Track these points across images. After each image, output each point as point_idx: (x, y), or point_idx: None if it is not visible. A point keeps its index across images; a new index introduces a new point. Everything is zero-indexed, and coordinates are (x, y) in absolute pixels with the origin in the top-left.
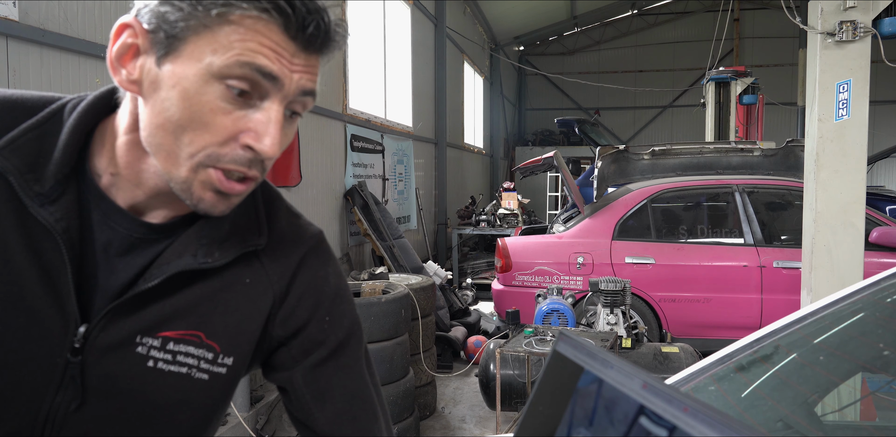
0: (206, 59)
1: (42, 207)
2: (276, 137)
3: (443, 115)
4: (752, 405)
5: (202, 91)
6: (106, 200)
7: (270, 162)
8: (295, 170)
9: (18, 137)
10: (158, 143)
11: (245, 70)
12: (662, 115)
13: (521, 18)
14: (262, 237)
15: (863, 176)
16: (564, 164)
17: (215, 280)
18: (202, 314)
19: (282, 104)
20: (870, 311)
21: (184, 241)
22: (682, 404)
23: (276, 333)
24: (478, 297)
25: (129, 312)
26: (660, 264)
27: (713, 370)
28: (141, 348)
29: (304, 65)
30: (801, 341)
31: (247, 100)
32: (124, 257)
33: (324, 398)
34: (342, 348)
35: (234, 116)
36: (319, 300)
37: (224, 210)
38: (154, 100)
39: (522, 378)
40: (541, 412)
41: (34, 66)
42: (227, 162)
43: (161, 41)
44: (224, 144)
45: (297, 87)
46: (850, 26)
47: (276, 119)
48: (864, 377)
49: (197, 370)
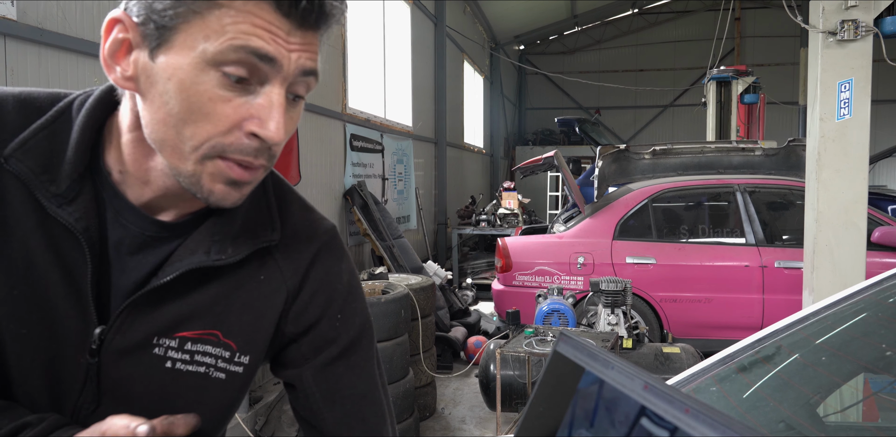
0: (199, 46)
1: (60, 208)
2: (280, 121)
3: (443, 114)
4: (753, 406)
5: (199, 80)
6: (119, 197)
7: (278, 148)
8: (294, 169)
9: (30, 138)
10: (162, 138)
11: (240, 54)
12: (663, 114)
13: (521, 17)
14: (276, 233)
15: (865, 176)
16: (565, 163)
17: (230, 278)
18: (218, 313)
19: (283, 87)
20: (872, 311)
21: (196, 238)
22: (683, 405)
23: (287, 329)
24: (478, 297)
25: (145, 313)
26: (661, 264)
27: (714, 370)
28: (158, 349)
29: (302, 43)
30: (803, 341)
31: (246, 86)
32: (136, 255)
33: (333, 397)
34: (353, 347)
35: (235, 104)
36: (332, 297)
37: (236, 200)
38: (152, 95)
39: (523, 379)
40: (541, 413)
41: (32, 65)
42: (232, 152)
43: (152, 33)
44: (228, 133)
45: (296, 67)
46: (852, 25)
47: (278, 103)
48: (866, 377)
49: (215, 369)
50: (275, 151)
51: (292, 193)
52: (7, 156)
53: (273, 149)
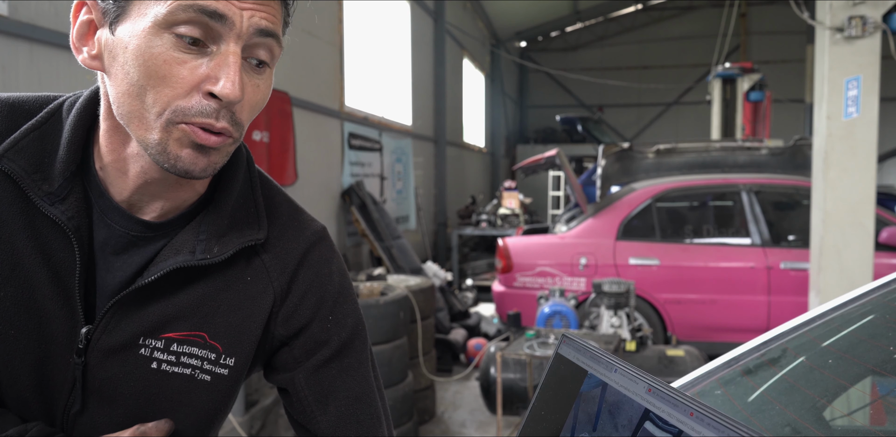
0: (151, 11)
1: (53, 206)
2: (235, 79)
3: (442, 112)
4: (759, 410)
5: (153, 44)
6: (105, 196)
7: (242, 115)
8: (291, 169)
9: (21, 138)
10: (128, 111)
11: (189, 13)
12: (667, 112)
13: (522, 13)
14: (262, 231)
15: (872, 175)
16: (567, 162)
17: (217, 279)
18: (205, 314)
19: (238, 44)
20: (880, 313)
21: (182, 237)
22: (688, 408)
23: (277, 332)
24: (478, 299)
25: (131, 312)
26: (665, 265)
27: (719, 373)
28: (144, 349)
29: (256, 3)
30: (810, 344)
31: (202, 48)
32: (121, 255)
33: (326, 400)
34: (346, 349)
35: (191, 66)
36: (323, 299)
37: (204, 169)
38: (115, 69)
39: (524, 382)
40: (543, 417)
41: (23, 62)
42: (194, 115)
43: (111, 7)
44: (187, 96)
45: (249, 24)
46: (860, 22)
47: (233, 61)
48: (873, 380)
49: (200, 370)
50: (238, 116)
51: (281, 194)
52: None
53: (236, 112)
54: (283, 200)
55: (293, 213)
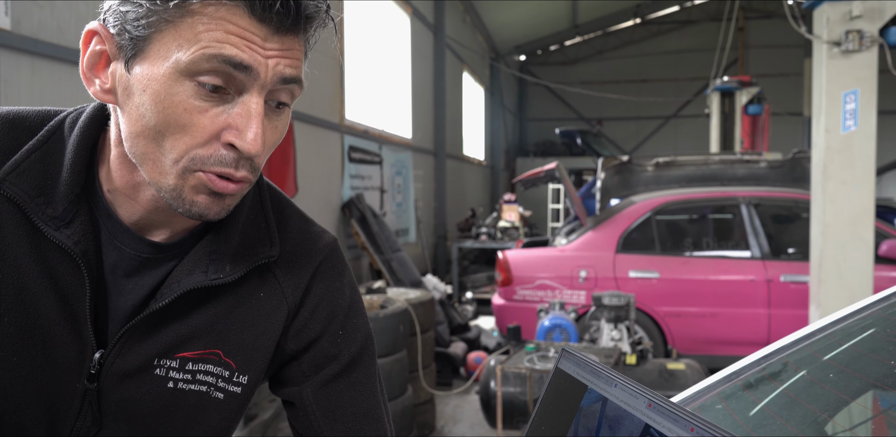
0: (173, 56)
1: (58, 231)
2: (258, 131)
3: (442, 125)
4: (760, 424)
5: (173, 91)
6: (113, 219)
7: (260, 159)
8: (291, 182)
9: (22, 160)
10: (142, 152)
11: (213, 63)
12: (666, 125)
13: (521, 27)
14: (275, 248)
15: (871, 188)
16: (567, 175)
17: (230, 296)
18: (219, 332)
19: (261, 95)
20: (880, 327)
21: (193, 257)
22: (688, 424)
23: (288, 346)
24: (478, 312)
25: (145, 335)
26: (664, 278)
27: (720, 387)
28: (160, 370)
29: (280, 49)
30: (811, 358)
31: (223, 95)
32: (132, 277)
33: (334, 416)
34: (355, 364)
35: (212, 114)
36: (333, 313)
37: (219, 212)
38: (129, 107)
39: (524, 396)
40: (543, 432)
41: (25, 76)
42: (212, 164)
43: (127, 43)
44: (206, 145)
45: (274, 74)
46: (857, 36)
47: (256, 112)
48: (875, 395)
49: (214, 388)
50: (257, 162)
51: (291, 207)
52: (0, 180)
53: (255, 160)
54: (293, 213)
55: (304, 225)
